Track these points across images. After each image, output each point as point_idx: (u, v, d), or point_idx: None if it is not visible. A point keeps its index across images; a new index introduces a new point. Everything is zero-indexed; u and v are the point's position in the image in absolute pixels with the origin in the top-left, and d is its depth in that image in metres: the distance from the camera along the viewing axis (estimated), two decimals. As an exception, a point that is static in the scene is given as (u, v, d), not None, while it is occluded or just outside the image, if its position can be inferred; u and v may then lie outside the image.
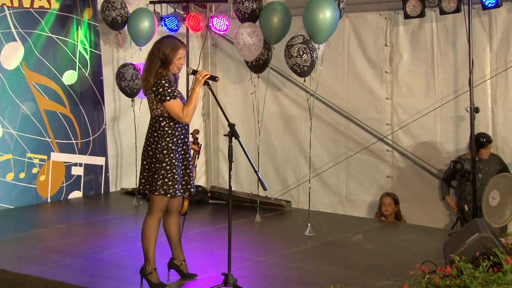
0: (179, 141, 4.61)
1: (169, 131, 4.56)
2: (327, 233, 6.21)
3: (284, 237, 6.10)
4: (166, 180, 4.55)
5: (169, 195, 4.56)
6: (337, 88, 7.69)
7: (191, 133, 5.17)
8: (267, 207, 7.15)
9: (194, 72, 4.56)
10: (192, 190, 4.71)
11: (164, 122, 4.57)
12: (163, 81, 4.53)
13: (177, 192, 4.57)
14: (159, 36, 7.66)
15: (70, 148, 7.54)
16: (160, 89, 4.51)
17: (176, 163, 4.56)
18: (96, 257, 5.33)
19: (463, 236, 4.63)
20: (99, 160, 7.78)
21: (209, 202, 7.46)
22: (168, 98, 4.50)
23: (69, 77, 7.52)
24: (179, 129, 4.60)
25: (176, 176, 4.56)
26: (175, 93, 4.54)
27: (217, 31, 7.69)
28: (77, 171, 7.57)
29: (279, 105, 8.18)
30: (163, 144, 4.56)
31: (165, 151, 4.54)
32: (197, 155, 4.96)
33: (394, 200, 7.08)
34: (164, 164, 4.54)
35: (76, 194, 7.58)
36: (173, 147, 4.56)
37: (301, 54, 5.96)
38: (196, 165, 4.91)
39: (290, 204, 7.39)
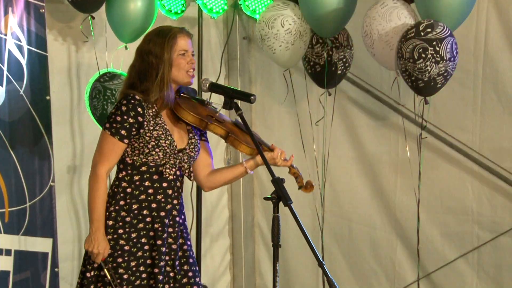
0: (146, 212, 4.66)
1: (127, 189, 4.66)
2: None
3: None
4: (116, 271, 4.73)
5: None
6: (461, 114, 7.46)
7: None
8: (342, 329, 6.92)
9: (213, 87, 4.80)
10: None
11: (123, 172, 4.68)
12: (129, 102, 4.64)
13: None
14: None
15: (-10, 223, 7.54)
16: (112, 111, 4.65)
17: (130, 250, 4.67)
18: None
19: None
20: (41, 245, 7.73)
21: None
22: (107, 125, 4.61)
23: (-9, 97, 7.67)
24: (149, 190, 4.61)
25: (132, 266, 4.66)
26: (123, 129, 4.59)
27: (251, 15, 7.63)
28: (2, 263, 7.56)
29: (358, 145, 8.05)
30: (112, 209, 4.62)
31: (111, 222, 4.62)
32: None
33: None
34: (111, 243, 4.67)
35: (1, 305, 7.54)
36: (127, 219, 4.64)
37: (455, 54, 6.23)
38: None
39: (382, 324, 7.17)
